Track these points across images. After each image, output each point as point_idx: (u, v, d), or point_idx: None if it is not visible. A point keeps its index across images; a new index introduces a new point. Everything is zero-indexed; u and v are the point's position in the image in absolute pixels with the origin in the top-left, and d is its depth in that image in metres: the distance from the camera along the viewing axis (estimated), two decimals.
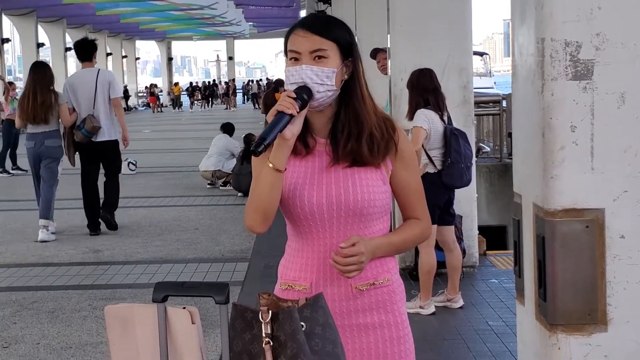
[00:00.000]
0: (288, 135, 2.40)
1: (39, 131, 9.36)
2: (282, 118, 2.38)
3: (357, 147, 2.50)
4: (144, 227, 10.32)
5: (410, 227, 2.62)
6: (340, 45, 2.50)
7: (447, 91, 6.70)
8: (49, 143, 9.38)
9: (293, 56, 2.49)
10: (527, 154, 2.63)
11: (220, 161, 13.49)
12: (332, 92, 2.48)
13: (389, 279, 2.57)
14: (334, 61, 2.48)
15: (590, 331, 2.44)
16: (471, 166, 6.56)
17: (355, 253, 2.41)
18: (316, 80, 2.45)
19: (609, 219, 2.42)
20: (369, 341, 2.55)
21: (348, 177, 2.51)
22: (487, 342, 5.72)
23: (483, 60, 38.50)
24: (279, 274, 2.64)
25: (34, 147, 9.41)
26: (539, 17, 2.45)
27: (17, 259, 8.69)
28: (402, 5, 7.74)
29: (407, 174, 2.58)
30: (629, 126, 2.40)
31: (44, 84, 9.29)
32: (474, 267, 7.73)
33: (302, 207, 2.50)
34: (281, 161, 2.42)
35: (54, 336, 6.03)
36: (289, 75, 2.48)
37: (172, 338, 2.19)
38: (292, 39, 2.51)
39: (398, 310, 2.59)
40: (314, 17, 2.62)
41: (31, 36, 36.16)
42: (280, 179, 2.44)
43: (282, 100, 2.41)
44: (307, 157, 2.54)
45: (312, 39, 2.48)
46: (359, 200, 2.48)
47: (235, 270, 7.88)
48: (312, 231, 2.52)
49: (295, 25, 2.55)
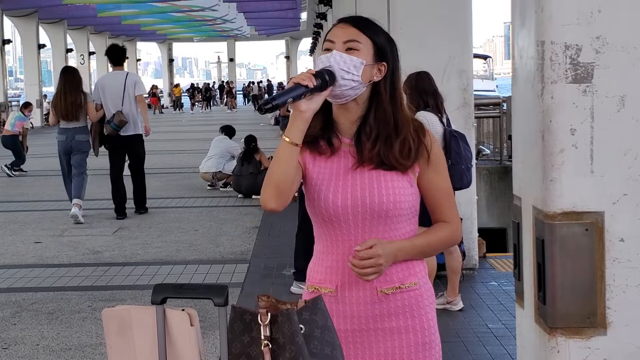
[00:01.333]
0: (303, 107, 2.37)
1: (70, 127, 10.66)
2: (297, 88, 2.36)
3: (385, 150, 2.47)
4: (144, 228, 10.32)
5: (437, 230, 2.57)
6: (376, 44, 2.49)
7: (448, 93, 6.71)
8: (79, 138, 10.69)
9: (327, 46, 2.49)
10: (526, 157, 2.63)
11: (221, 163, 13.50)
12: (356, 83, 2.45)
13: (416, 282, 2.52)
14: (366, 55, 2.47)
15: (590, 334, 2.44)
16: (471, 168, 6.57)
17: (372, 255, 2.38)
18: (343, 66, 2.43)
19: (608, 222, 2.42)
20: (394, 346, 2.51)
21: (373, 178, 2.48)
22: (487, 344, 5.71)
23: (486, 63, 38.43)
24: (307, 277, 2.61)
25: (65, 140, 10.72)
26: (539, 20, 2.45)
27: (17, 260, 8.69)
28: (402, 7, 7.75)
29: (436, 176, 2.54)
30: (628, 129, 2.40)
31: (74, 86, 10.61)
32: (474, 269, 7.73)
33: (326, 208, 2.47)
34: (296, 135, 2.39)
35: (53, 337, 6.03)
36: (319, 62, 2.47)
37: (170, 340, 2.19)
38: (331, 31, 2.52)
39: (426, 315, 2.54)
40: (357, 15, 2.62)
41: (32, 37, 36.19)
42: (295, 153, 2.40)
43: (301, 73, 2.40)
44: (332, 158, 2.52)
45: (349, 30, 2.49)
46: (384, 202, 2.45)
47: (234, 272, 7.88)
48: (337, 233, 2.50)
49: (337, 20, 2.56)
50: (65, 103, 10.53)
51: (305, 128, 2.40)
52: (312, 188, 2.50)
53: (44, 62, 57.84)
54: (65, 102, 10.53)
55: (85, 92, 10.70)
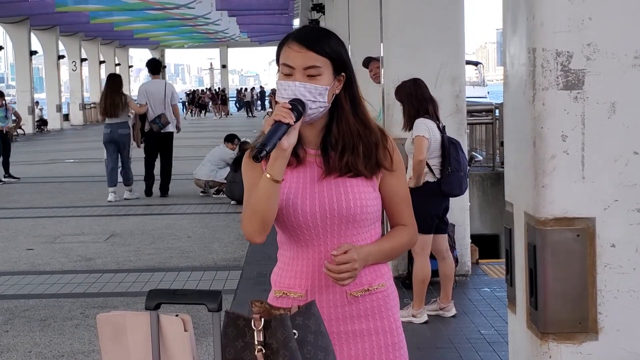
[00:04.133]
0: (285, 145, 2.42)
1: (113, 122, 13.17)
2: (280, 127, 2.40)
3: (353, 160, 2.53)
4: (137, 235, 10.31)
5: (399, 233, 2.64)
6: (334, 60, 2.52)
7: (440, 100, 6.72)
8: (121, 131, 13.22)
9: (286, 71, 2.51)
10: (518, 163, 2.65)
11: (213, 170, 13.51)
12: (323, 107, 2.51)
13: (383, 284, 2.59)
14: (327, 77, 2.50)
15: (581, 340, 2.45)
16: (467, 175, 6.59)
17: (348, 260, 2.43)
18: (309, 97, 2.47)
19: (599, 227, 2.43)
20: (364, 347, 2.55)
21: (340, 185, 2.53)
22: (479, 350, 5.72)
23: (477, 70, 38.46)
24: (272, 282, 2.65)
25: (109, 132, 13.22)
26: (530, 27, 2.46)
27: (9, 267, 8.67)
28: (395, 14, 7.76)
29: (396, 181, 2.61)
30: (619, 136, 2.42)
31: (114, 89, 13.19)
32: (467, 275, 7.74)
33: (296, 217, 2.52)
34: (279, 172, 2.44)
35: (45, 344, 6.02)
36: (282, 89, 2.50)
37: (164, 346, 2.19)
38: (286, 52, 2.52)
39: (393, 316, 2.60)
40: (307, 29, 2.62)
41: (24, 44, 36.09)
42: (277, 189, 2.45)
43: (279, 110, 2.42)
44: (298, 168, 2.57)
45: (306, 55, 2.49)
46: (351, 207, 2.51)
47: (228, 279, 7.88)
48: (307, 239, 2.54)
49: (289, 37, 2.56)
50: (106, 103, 13.10)
51: (286, 163, 2.46)
52: (281, 198, 2.52)
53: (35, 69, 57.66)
54: (106, 103, 13.10)
55: (125, 94, 13.32)
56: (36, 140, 31.06)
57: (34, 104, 35.97)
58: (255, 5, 36.55)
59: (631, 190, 2.43)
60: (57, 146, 26.93)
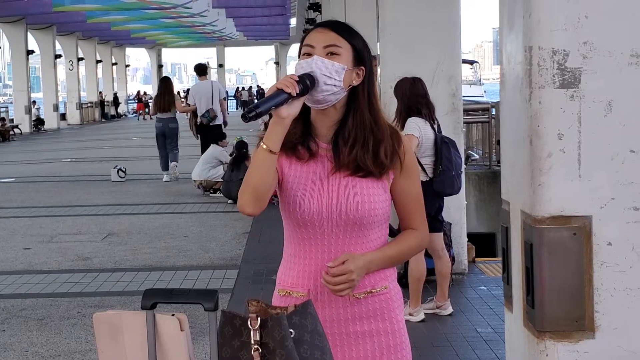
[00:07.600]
0: (284, 113, 2.37)
1: (164, 117, 15.42)
2: (280, 95, 2.35)
3: (362, 154, 2.48)
4: (133, 234, 10.30)
5: (407, 238, 2.59)
6: (355, 48, 2.50)
7: (437, 99, 6.72)
8: (171, 125, 15.51)
9: (306, 51, 2.48)
10: (515, 162, 2.65)
11: (205, 169, 13.48)
12: (338, 89, 2.46)
13: (386, 286, 2.55)
14: (346, 60, 2.48)
15: (578, 338, 2.45)
16: (461, 174, 6.59)
17: (344, 272, 2.40)
18: (325, 72, 2.43)
19: (596, 226, 2.43)
20: (365, 349, 2.53)
21: (349, 185, 2.49)
22: (476, 349, 5.72)
23: (473, 69, 38.47)
24: (277, 280, 2.63)
25: (161, 126, 15.46)
26: (526, 26, 2.46)
27: (6, 266, 8.65)
28: (391, 13, 7.76)
29: (409, 183, 2.56)
30: (615, 134, 2.42)
31: (169, 90, 15.58)
32: (463, 274, 7.74)
33: (301, 214, 2.49)
34: (275, 142, 2.39)
35: (42, 344, 6.01)
36: (298, 68, 2.46)
37: (161, 345, 2.19)
38: (309, 35, 2.52)
39: (395, 317, 2.56)
40: (335, 20, 2.62)
41: (21, 43, 36.03)
42: (273, 160, 2.41)
43: (284, 79, 2.39)
44: (309, 162, 2.53)
45: (328, 35, 2.49)
46: (359, 210, 2.46)
47: (224, 278, 7.87)
48: (311, 237, 2.51)
49: (315, 25, 2.56)
50: (161, 101, 15.40)
51: (284, 134, 2.41)
52: (287, 192, 2.51)
53: (32, 68, 57.59)
54: (161, 100, 15.40)
55: (174, 94, 15.82)
56: (33, 139, 31.03)
57: (30, 103, 35.92)
58: (252, 3, 36.53)
59: (627, 188, 2.43)
60: (54, 145, 26.91)
